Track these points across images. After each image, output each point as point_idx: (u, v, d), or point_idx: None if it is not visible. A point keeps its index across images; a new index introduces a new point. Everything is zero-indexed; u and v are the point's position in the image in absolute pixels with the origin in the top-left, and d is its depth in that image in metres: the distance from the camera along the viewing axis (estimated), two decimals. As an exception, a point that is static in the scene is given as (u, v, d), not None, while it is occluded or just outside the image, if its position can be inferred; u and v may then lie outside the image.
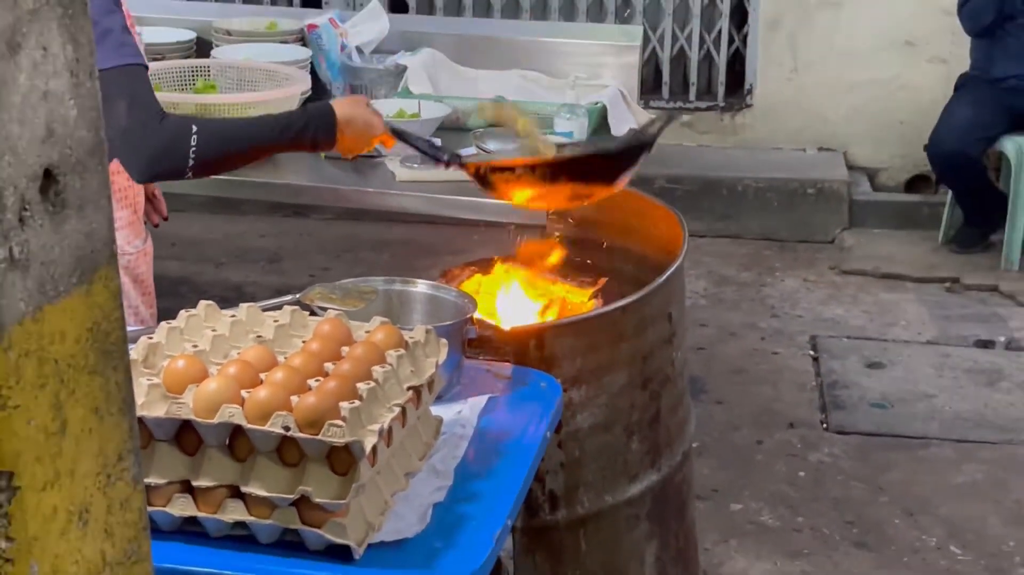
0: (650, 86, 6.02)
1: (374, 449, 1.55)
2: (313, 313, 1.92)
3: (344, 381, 1.60)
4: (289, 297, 2.03)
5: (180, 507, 1.56)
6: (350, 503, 1.52)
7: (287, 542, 1.55)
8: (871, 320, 4.80)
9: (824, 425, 4.03)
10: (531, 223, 3.16)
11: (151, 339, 1.73)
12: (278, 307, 1.92)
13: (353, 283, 2.11)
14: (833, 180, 5.65)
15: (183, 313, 1.82)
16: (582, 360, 2.24)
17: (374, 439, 1.55)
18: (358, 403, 1.56)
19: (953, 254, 5.35)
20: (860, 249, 5.44)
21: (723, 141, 6.05)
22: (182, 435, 1.57)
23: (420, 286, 2.17)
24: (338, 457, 1.53)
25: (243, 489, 1.54)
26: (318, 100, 3.90)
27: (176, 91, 3.43)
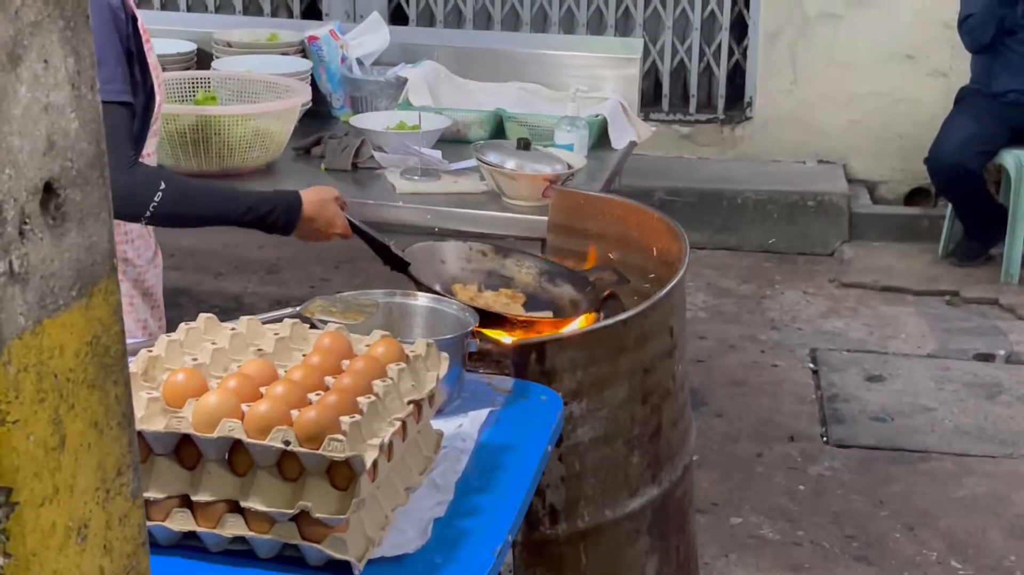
0: (650, 98, 6.03)
1: (375, 464, 1.54)
2: (313, 326, 1.92)
3: (345, 395, 1.60)
4: (289, 310, 2.02)
5: (179, 522, 1.55)
6: (350, 518, 1.51)
7: (287, 557, 1.54)
8: (871, 333, 4.80)
9: (824, 438, 4.03)
10: (530, 236, 3.16)
11: (151, 352, 1.72)
12: (278, 320, 1.91)
13: (353, 296, 2.10)
14: (833, 193, 5.66)
15: (183, 326, 1.81)
16: (583, 373, 2.23)
17: (375, 454, 1.54)
18: (359, 417, 1.55)
19: (953, 267, 5.35)
20: (860, 262, 5.45)
21: (723, 153, 6.06)
22: (181, 449, 1.57)
23: (421, 299, 2.16)
24: (338, 472, 1.52)
25: (243, 504, 1.54)
26: (318, 113, 3.92)
27: (177, 103, 3.44)
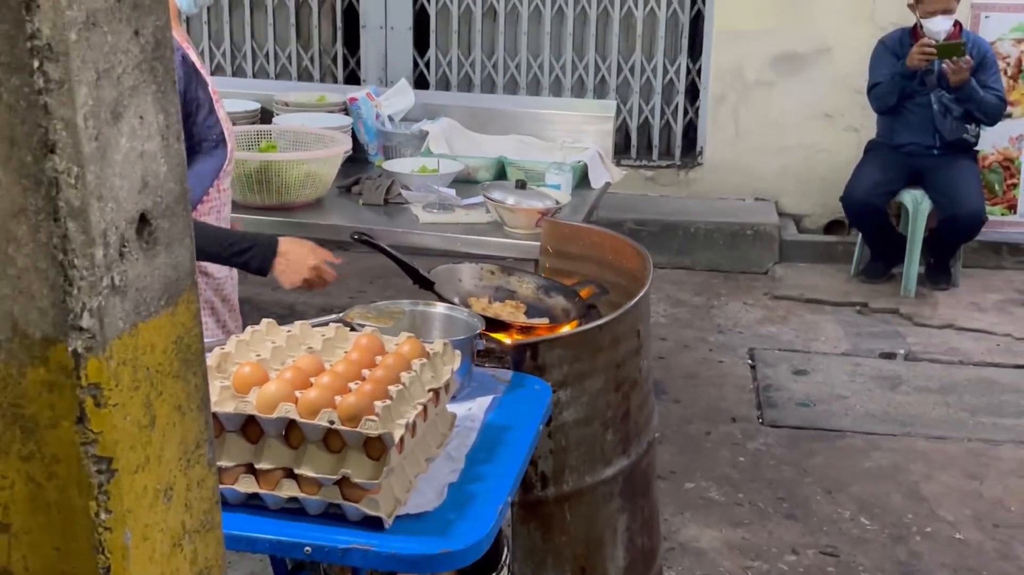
0: (621, 148, 6.02)
1: (401, 439, 1.54)
2: (353, 329, 1.91)
3: (378, 384, 1.59)
4: (333, 316, 2.02)
5: (245, 485, 1.54)
6: (382, 483, 1.51)
7: (331, 514, 1.54)
8: (797, 336, 4.79)
9: (760, 420, 4.02)
10: (527, 257, 3.16)
11: (223, 349, 1.72)
12: (325, 324, 1.91)
13: (385, 305, 2.10)
14: (767, 224, 5.65)
15: (249, 329, 1.81)
16: (568, 368, 2.22)
17: (401, 431, 1.54)
18: (389, 402, 1.55)
19: (862, 284, 5.35)
20: (788, 279, 5.44)
21: (679, 192, 6.06)
22: (247, 427, 1.56)
23: (439, 307, 2.16)
24: (372, 446, 1.52)
25: (296, 471, 1.53)
26: (357, 159, 3.92)
27: (245, 150, 3.44)
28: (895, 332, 4.82)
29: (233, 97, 4.05)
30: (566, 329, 2.38)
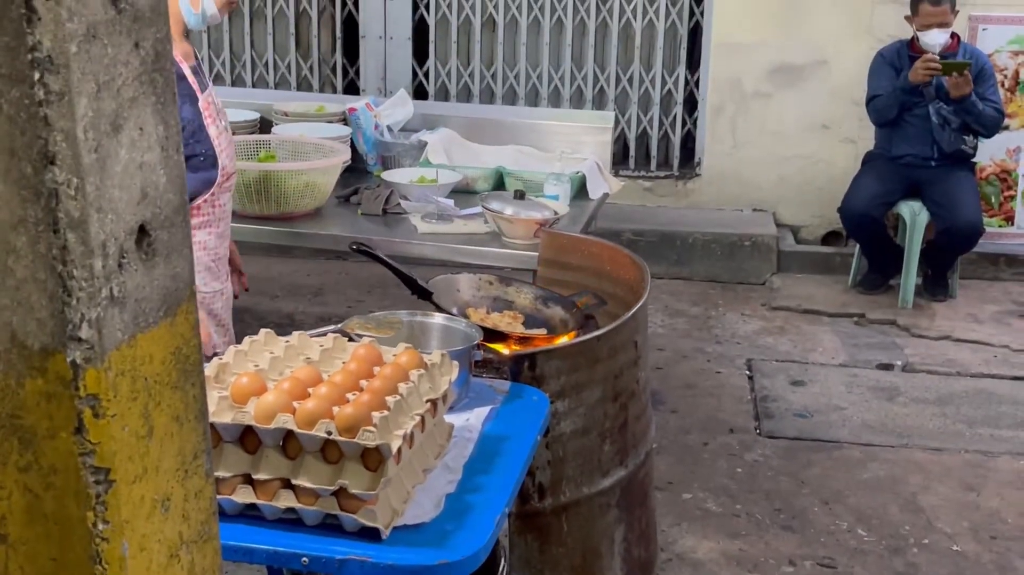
0: (620, 159, 6.03)
1: (399, 450, 1.54)
2: (351, 339, 1.91)
3: (375, 395, 1.59)
4: (332, 327, 2.02)
5: (242, 495, 1.54)
6: (379, 493, 1.50)
7: (328, 524, 1.54)
8: (795, 347, 4.79)
9: (757, 431, 4.01)
10: (524, 267, 3.16)
11: (221, 359, 1.72)
12: (323, 334, 1.91)
13: (384, 315, 2.10)
14: (764, 235, 5.65)
15: (247, 339, 1.81)
16: (566, 378, 2.22)
17: (399, 442, 1.54)
18: (387, 413, 1.55)
19: (860, 295, 5.35)
20: (786, 290, 5.44)
21: (677, 203, 6.06)
22: (245, 437, 1.56)
23: (437, 318, 2.16)
24: (370, 456, 1.52)
25: (293, 481, 1.53)
26: (356, 169, 3.92)
27: (244, 160, 3.44)
28: (892, 343, 4.82)
29: (232, 106, 4.06)
30: (564, 340, 2.38)
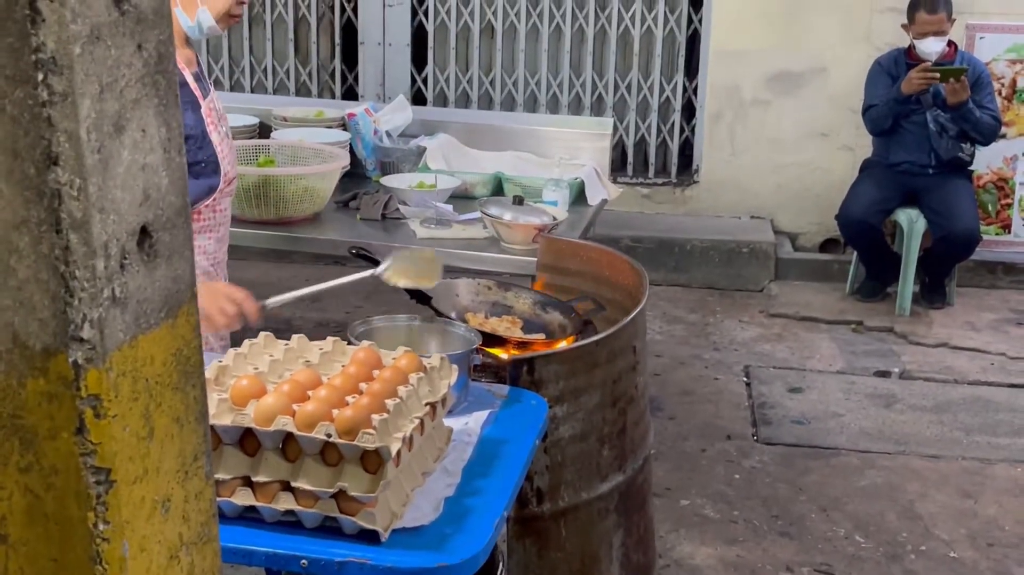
0: (618, 165, 6.03)
1: (398, 453, 1.54)
2: (350, 343, 1.91)
3: (375, 398, 1.59)
4: (368, 273, 2.02)
5: (242, 498, 1.54)
6: (378, 496, 1.50)
7: (327, 527, 1.54)
8: (792, 354, 4.80)
9: (755, 437, 4.02)
10: (523, 272, 3.16)
11: (221, 362, 1.72)
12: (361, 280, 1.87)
13: (385, 319, 2.09)
14: (762, 242, 5.66)
15: (246, 342, 1.81)
16: (564, 383, 2.22)
17: (398, 445, 1.54)
18: (386, 415, 1.55)
19: (857, 302, 5.35)
20: (784, 297, 5.44)
21: (675, 210, 6.07)
22: (244, 440, 1.56)
23: (436, 322, 2.16)
24: (369, 459, 1.52)
25: (293, 484, 1.53)
26: (355, 174, 3.92)
27: (243, 164, 3.44)
28: (890, 350, 4.83)
29: (232, 111, 4.05)
30: (563, 344, 2.38)
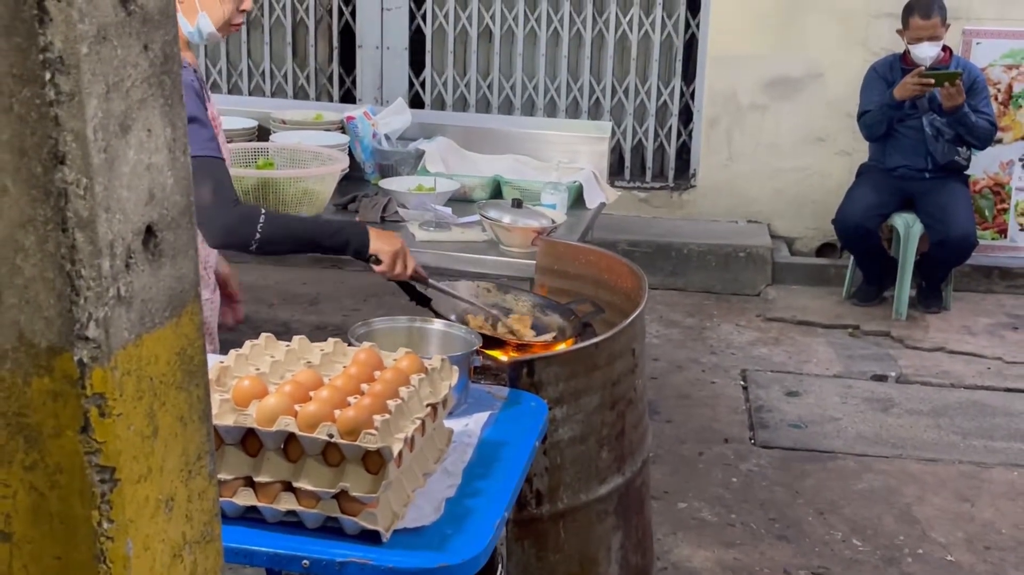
0: (615, 169, 6.04)
1: (400, 453, 1.54)
2: (350, 344, 1.91)
3: (377, 398, 1.59)
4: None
5: (243, 498, 1.54)
6: (380, 497, 1.50)
7: (329, 527, 1.54)
8: (790, 358, 4.80)
9: (752, 441, 4.02)
10: (521, 276, 3.16)
11: (222, 363, 1.72)
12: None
13: (384, 321, 2.09)
14: (759, 246, 5.67)
15: (248, 343, 1.81)
16: (564, 385, 2.23)
17: (400, 445, 1.54)
18: (388, 416, 1.55)
19: (854, 306, 5.36)
20: (781, 301, 5.45)
21: (672, 214, 6.08)
22: (246, 440, 1.56)
23: (436, 324, 2.16)
24: (371, 459, 1.52)
25: (294, 484, 1.53)
26: (354, 177, 3.92)
27: (241, 167, 3.44)
28: (887, 355, 4.83)
29: (230, 114, 4.06)
30: (562, 347, 2.39)
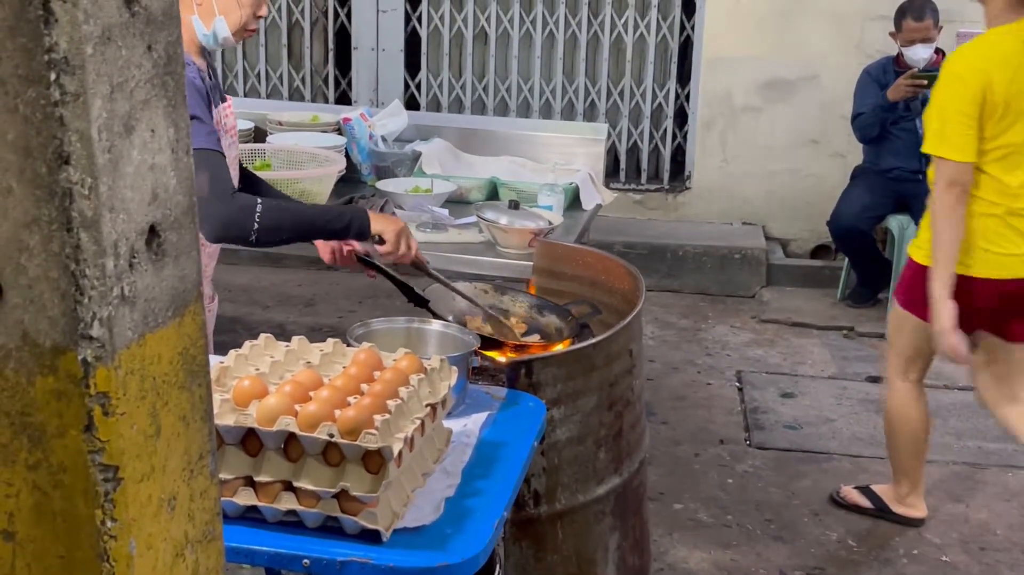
0: (610, 171, 6.05)
1: (400, 453, 1.54)
2: (350, 344, 1.91)
3: (376, 398, 1.60)
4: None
5: (244, 497, 1.54)
6: (380, 496, 1.51)
7: (329, 527, 1.54)
8: (785, 359, 4.81)
9: (748, 442, 4.02)
10: (518, 277, 3.16)
11: (222, 363, 1.72)
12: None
13: (383, 322, 2.09)
14: (754, 248, 5.68)
15: (247, 343, 1.81)
16: (562, 386, 2.23)
17: (400, 445, 1.54)
18: (388, 416, 1.55)
19: (849, 308, 5.37)
20: (775, 303, 5.46)
21: (667, 216, 6.09)
22: (247, 440, 1.56)
23: (434, 324, 2.16)
24: (371, 459, 1.52)
25: (295, 484, 1.53)
26: (350, 178, 3.92)
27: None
28: (882, 356, 4.84)
29: (227, 116, 4.06)
30: (560, 348, 2.39)
